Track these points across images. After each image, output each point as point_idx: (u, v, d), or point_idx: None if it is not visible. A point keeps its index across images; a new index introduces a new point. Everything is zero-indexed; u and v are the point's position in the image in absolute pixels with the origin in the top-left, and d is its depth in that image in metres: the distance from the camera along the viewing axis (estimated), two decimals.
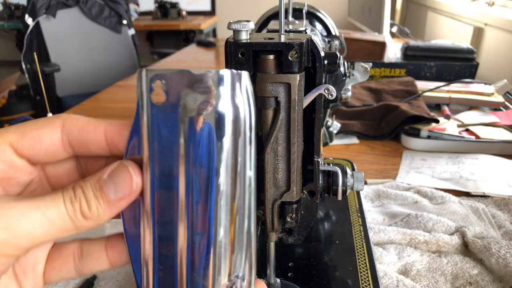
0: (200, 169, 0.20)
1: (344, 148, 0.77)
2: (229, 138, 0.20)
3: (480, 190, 0.60)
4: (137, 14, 2.97)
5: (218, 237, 0.21)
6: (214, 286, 0.22)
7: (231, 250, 0.22)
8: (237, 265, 0.22)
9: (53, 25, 1.94)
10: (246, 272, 0.22)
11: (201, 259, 0.21)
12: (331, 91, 0.29)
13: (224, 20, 3.19)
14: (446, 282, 0.44)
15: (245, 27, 0.27)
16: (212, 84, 0.20)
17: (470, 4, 1.69)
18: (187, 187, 0.21)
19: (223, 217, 0.21)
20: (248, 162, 0.21)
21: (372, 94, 0.97)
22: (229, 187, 0.21)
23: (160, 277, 0.22)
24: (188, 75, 0.20)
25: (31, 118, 0.72)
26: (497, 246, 0.46)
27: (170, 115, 0.20)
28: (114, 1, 2.10)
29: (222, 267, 0.21)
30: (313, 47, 0.30)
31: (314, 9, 0.58)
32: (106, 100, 1.13)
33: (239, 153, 0.21)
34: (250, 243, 0.22)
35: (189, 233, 0.21)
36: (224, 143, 0.20)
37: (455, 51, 1.11)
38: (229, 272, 0.22)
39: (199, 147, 0.20)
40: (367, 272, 0.42)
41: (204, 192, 0.21)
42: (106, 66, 2.14)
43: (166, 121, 0.21)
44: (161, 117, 0.21)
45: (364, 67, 0.44)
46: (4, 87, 2.31)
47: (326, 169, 0.34)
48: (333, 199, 0.35)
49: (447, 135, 0.75)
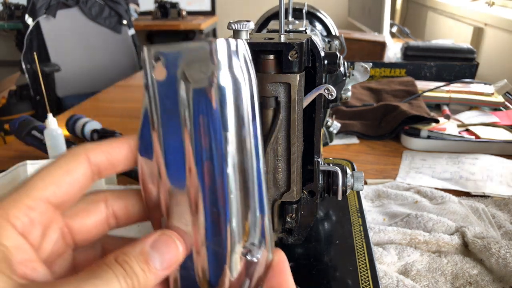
0: (207, 139, 0.21)
1: (344, 148, 0.77)
2: (232, 108, 0.21)
3: (480, 190, 0.60)
4: (137, 14, 2.97)
5: (231, 204, 0.21)
6: (232, 253, 0.22)
7: (245, 216, 0.22)
8: (251, 232, 0.22)
9: (53, 25, 1.94)
10: (262, 239, 0.22)
11: (216, 227, 0.21)
12: (331, 91, 0.29)
13: (224, 20, 3.19)
14: (446, 282, 0.44)
15: (245, 27, 0.27)
16: (209, 55, 0.20)
17: (470, 4, 1.69)
18: (196, 159, 0.21)
19: (233, 186, 0.21)
20: (253, 128, 0.21)
21: (372, 94, 0.97)
22: (236, 154, 0.21)
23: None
24: (185, 48, 0.20)
25: (31, 118, 0.72)
26: (497, 246, 0.46)
27: (172, 90, 0.21)
28: (114, 1, 2.10)
29: (237, 234, 0.21)
30: (313, 47, 0.30)
31: (314, 9, 0.58)
32: (106, 100, 1.13)
33: (244, 121, 0.21)
34: (263, 209, 0.22)
35: (204, 201, 0.21)
36: (228, 114, 0.21)
37: (455, 51, 1.11)
38: (245, 239, 0.22)
39: (203, 120, 0.20)
40: (367, 272, 0.42)
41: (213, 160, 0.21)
42: (106, 66, 2.14)
43: (169, 96, 0.21)
44: (164, 92, 0.21)
45: (364, 67, 0.44)
46: (4, 87, 2.31)
47: (326, 169, 0.34)
48: (333, 199, 0.35)
49: (447, 135, 0.75)
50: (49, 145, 0.62)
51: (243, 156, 0.21)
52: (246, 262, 0.22)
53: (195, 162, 0.21)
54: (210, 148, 0.21)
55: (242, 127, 0.21)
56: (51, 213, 0.21)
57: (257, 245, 0.22)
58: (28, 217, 0.20)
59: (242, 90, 0.21)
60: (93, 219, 0.24)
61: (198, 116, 0.20)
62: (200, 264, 0.22)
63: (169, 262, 0.21)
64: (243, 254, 0.22)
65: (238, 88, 0.21)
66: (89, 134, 0.76)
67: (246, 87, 0.21)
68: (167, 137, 0.22)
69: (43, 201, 0.21)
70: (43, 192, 0.21)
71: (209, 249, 0.22)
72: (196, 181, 0.21)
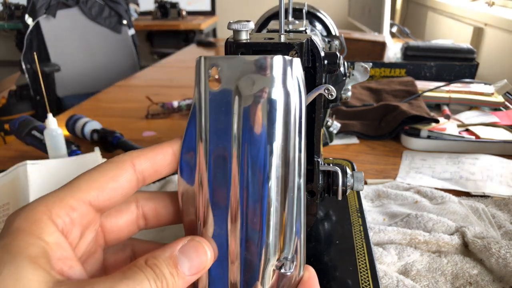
0: (254, 149, 0.21)
1: (344, 148, 0.77)
2: (280, 121, 0.21)
3: (480, 190, 0.60)
4: (137, 14, 2.97)
5: (271, 216, 0.21)
6: (266, 266, 0.22)
7: (282, 231, 0.22)
8: (286, 246, 0.22)
9: (53, 25, 1.94)
10: (295, 255, 0.22)
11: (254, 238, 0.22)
12: (331, 91, 0.29)
13: (224, 20, 3.19)
14: (446, 282, 0.44)
15: (245, 27, 0.27)
16: (265, 70, 0.21)
17: (470, 4, 1.69)
18: (241, 169, 0.21)
19: (274, 197, 0.21)
20: (298, 145, 0.22)
21: (372, 94, 0.97)
22: (280, 168, 0.21)
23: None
24: (242, 61, 0.21)
25: (31, 118, 0.72)
26: (497, 246, 0.46)
27: (225, 101, 0.21)
28: (114, 1, 2.10)
29: (273, 248, 0.22)
30: (313, 47, 0.30)
31: (314, 9, 0.58)
32: (106, 100, 1.13)
33: (290, 140, 0.21)
34: (300, 225, 0.22)
35: (244, 212, 0.21)
36: (276, 125, 0.21)
37: (455, 51, 1.11)
38: (280, 253, 0.22)
39: (252, 132, 0.21)
40: (367, 272, 0.42)
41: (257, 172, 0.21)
42: (106, 66, 2.14)
43: (221, 106, 0.21)
44: (217, 102, 0.21)
45: (364, 67, 0.44)
46: (4, 87, 2.31)
47: (326, 169, 0.34)
48: (333, 199, 0.35)
49: (447, 135, 0.75)
50: (49, 145, 0.62)
51: (287, 170, 0.21)
52: (279, 275, 0.22)
53: (239, 171, 0.21)
54: (256, 159, 0.21)
55: (289, 142, 0.21)
56: (92, 215, 0.22)
57: (290, 260, 0.22)
58: (70, 217, 0.20)
59: (291, 106, 0.21)
60: (125, 219, 0.24)
61: (247, 127, 0.21)
62: (233, 275, 0.22)
63: (198, 268, 0.21)
64: (277, 267, 0.22)
65: (288, 103, 0.21)
66: (89, 134, 0.76)
67: (296, 104, 0.21)
68: (213, 146, 0.22)
69: (86, 203, 0.21)
70: (86, 195, 0.21)
71: (244, 260, 0.22)
72: (238, 191, 0.21)
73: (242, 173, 0.21)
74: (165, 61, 1.63)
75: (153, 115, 0.95)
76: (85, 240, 0.22)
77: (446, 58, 1.11)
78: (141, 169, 0.23)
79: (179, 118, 0.95)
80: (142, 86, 1.26)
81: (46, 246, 0.19)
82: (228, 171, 0.22)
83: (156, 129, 0.88)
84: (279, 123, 0.21)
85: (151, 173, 0.23)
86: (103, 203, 0.22)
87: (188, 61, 1.61)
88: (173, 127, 0.90)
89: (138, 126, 0.90)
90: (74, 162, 0.53)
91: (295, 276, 0.23)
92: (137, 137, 0.82)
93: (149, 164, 0.23)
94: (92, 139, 0.76)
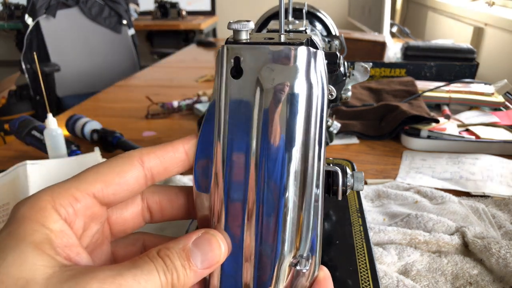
0: (274, 139, 0.21)
1: (344, 148, 0.77)
2: (302, 114, 0.21)
3: (480, 190, 0.60)
4: (137, 14, 2.97)
5: (288, 212, 0.21)
6: (282, 262, 0.22)
7: (299, 228, 0.22)
8: (302, 244, 0.22)
9: (53, 25, 1.94)
10: (310, 253, 0.22)
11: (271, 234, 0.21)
12: (331, 91, 0.29)
13: (224, 20, 3.19)
14: (446, 282, 0.44)
15: (245, 27, 0.27)
16: (289, 61, 0.21)
17: (470, 4, 1.69)
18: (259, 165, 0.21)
19: (292, 194, 0.21)
20: (318, 139, 0.21)
21: (372, 94, 0.97)
22: (299, 164, 0.21)
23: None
24: (266, 51, 0.21)
25: (31, 118, 0.72)
26: (497, 246, 0.46)
27: (246, 92, 0.21)
28: (114, 1, 2.10)
29: (289, 245, 0.22)
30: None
31: (314, 9, 0.58)
32: (106, 100, 1.13)
33: (311, 131, 0.21)
34: (316, 223, 0.22)
35: (262, 207, 0.21)
36: (298, 119, 0.21)
37: (455, 51, 1.11)
38: (295, 250, 0.22)
39: (272, 126, 0.21)
40: (367, 272, 0.42)
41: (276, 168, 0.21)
42: (106, 66, 2.14)
43: (241, 98, 0.21)
44: (238, 94, 0.21)
45: (364, 67, 0.44)
46: (4, 87, 2.31)
47: (326, 169, 0.34)
48: (333, 199, 0.35)
49: (447, 135, 0.75)
50: (49, 145, 0.62)
51: (306, 166, 0.21)
52: (294, 272, 0.22)
53: (257, 167, 0.21)
54: (275, 154, 0.21)
55: (309, 134, 0.21)
56: (97, 208, 0.22)
57: (306, 258, 0.22)
58: (73, 207, 0.20)
59: (314, 98, 0.21)
60: (130, 211, 0.24)
61: (267, 121, 0.21)
62: (246, 271, 0.22)
63: (211, 262, 0.21)
64: (293, 264, 0.22)
65: (310, 95, 0.21)
66: (89, 134, 0.76)
67: (318, 96, 0.21)
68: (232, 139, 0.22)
69: (90, 195, 0.21)
70: (91, 187, 0.21)
71: (260, 256, 0.22)
72: (255, 187, 0.21)
73: (260, 169, 0.21)
74: (165, 61, 1.63)
75: (153, 115, 0.95)
76: (90, 231, 0.22)
77: (446, 58, 1.11)
78: (150, 166, 0.22)
79: (179, 118, 0.95)
80: (142, 86, 1.26)
81: (50, 233, 0.19)
82: (246, 166, 0.21)
83: (156, 129, 0.88)
84: (300, 116, 0.21)
85: (160, 170, 0.23)
86: (108, 197, 0.22)
87: (188, 61, 1.61)
88: (173, 127, 0.90)
89: (138, 126, 0.90)
90: (74, 162, 0.53)
91: (310, 274, 0.23)
92: (137, 137, 0.82)
93: (159, 161, 0.23)
94: (92, 139, 0.76)
